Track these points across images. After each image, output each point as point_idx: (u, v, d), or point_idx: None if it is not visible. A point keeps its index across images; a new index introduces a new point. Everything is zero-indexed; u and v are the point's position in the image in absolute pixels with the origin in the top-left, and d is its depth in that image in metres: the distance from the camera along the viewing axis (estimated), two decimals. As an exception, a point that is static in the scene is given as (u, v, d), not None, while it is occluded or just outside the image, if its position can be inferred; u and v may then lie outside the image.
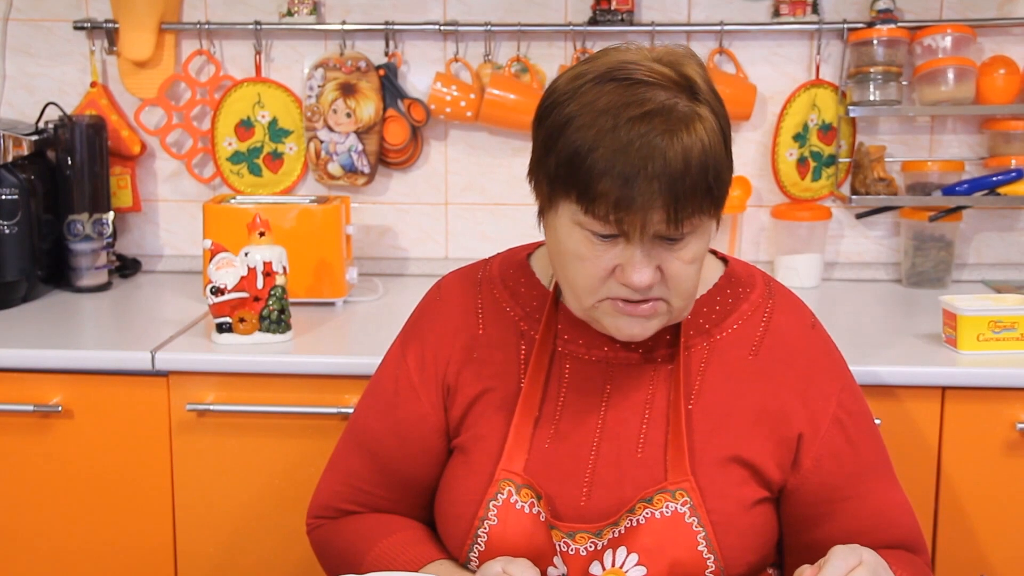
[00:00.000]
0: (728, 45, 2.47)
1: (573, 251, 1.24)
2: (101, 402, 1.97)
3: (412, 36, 2.51)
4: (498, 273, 1.41)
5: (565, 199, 1.22)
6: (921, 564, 1.35)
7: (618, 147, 1.17)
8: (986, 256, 2.53)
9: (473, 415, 1.36)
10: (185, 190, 2.60)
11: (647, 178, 1.16)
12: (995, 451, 1.88)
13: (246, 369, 1.94)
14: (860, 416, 1.37)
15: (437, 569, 1.34)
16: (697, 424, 1.30)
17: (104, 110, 2.51)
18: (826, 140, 2.47)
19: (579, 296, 1.26)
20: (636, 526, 1.26)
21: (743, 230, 2.51)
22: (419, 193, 2.57)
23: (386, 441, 1.40)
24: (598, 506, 1.29)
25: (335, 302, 2.27)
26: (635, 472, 1.29)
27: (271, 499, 1.96)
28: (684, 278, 1.24)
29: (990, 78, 2.38)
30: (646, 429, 1.31)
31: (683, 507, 1.26)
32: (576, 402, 1.34)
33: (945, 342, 1.96)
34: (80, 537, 2.00)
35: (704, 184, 1.19)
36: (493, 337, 1.38)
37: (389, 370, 1.43)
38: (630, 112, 1.18)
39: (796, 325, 1.37)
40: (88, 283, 2.40)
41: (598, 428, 1.32)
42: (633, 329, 1.26)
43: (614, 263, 1.22)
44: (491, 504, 1.30)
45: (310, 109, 2.48)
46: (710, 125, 1.20)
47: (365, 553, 1.38)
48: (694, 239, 1.23)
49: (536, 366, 1.34)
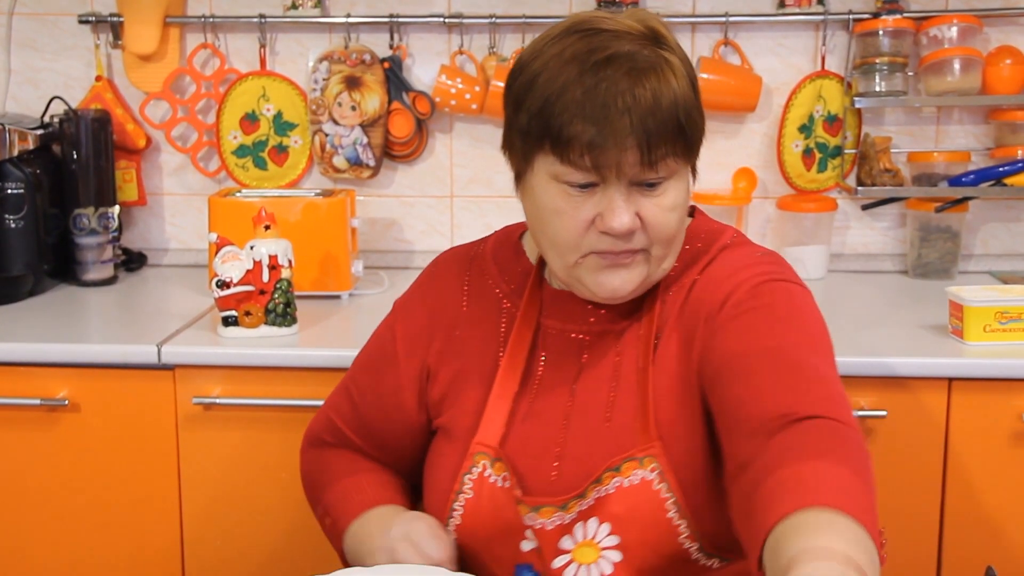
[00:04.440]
0: (733, 36, 2.46)
1: (552, 207, 1.23)
2: (107, 396, 1.97)
3: (417, 29, 2.51)
4: (491, 249, 1.42)
5: (540, 152, 1.22)
6: (843, 433, 1.11)
7: (586, 88, 1.18)
8: (992, 247, 2.52)
9: (452, 394, 1.37)
10: (190, 184, 2.60)
11: (618, 114, 1.17)
12: (1002, 442, 1.87)
13: (252, 362, 1.95)
14: (764, 294, 1.26)
15: (378, 512, 1.37)
16: (661, 385, 1.28)
17: (109, 104, 2.51)
18: (832, 131, 2.47)
19: (562, 254, 1.25)
20: (605, 496, 1.25)
21: (749, 221, 2.51)
22: (424, 186, 2.57)
23: (366, 395, 1.44)
24: (568, 480, 1.28)
25: (341, 295, 2.27)
26: (605, 442, 1.28)
27: (277, 492, 1.97)
28: (664, 224, 1.23)
29: (996, 68, 2.37)
30: (615, 396, 1.29)
31: (651, 473, 1.24)
32: (551, 377, 1.33)
33: (951, 333, 1.95)
34: (87, 530, 2.01)
35: (675, 122, 1.19)
36: (475, 315, 1.38)
37: (382, 331, 1.46)
38: (595, 57, 1.19)
39: (733, 261, 1.31)
40: (94, 277, 2.40)
41: (569, 401, 1.31)
42: (614, 282, 1.25)
43: (593, 212, 1.22)
44: (466, 477, 1.30)
45: (315, 102, 2.48)
46: (679, 70, 1.21)
47: (326, 487, 1.45)
48: (672, 186, 1.23)
49: (516, 341, 1.34)
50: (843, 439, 1.09)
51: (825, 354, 1.22)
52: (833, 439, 1.08)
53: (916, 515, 1.90)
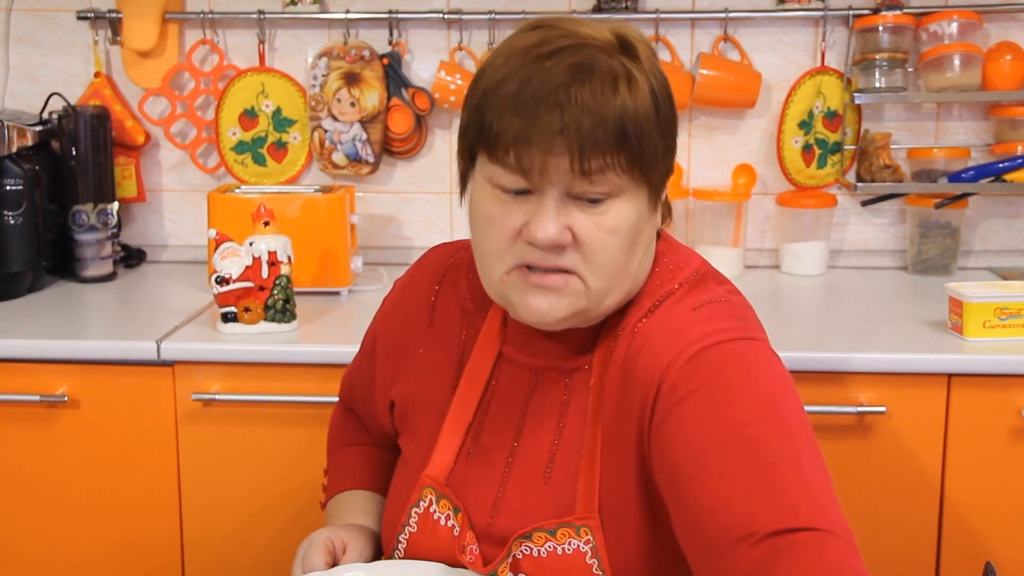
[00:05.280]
0: (733, 32, 2.46)
1: (483, 213, 1.14)
2: (107, 392, 1.97)
3: (416, 25, 2.51)
4: (467, 261, 1.32)
5: (478, 153, 1.13)
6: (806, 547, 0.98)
7: (522, 80, 1.08)
8: (992, 243, 2.52)
9: (409, 417, 1.33)
10: (190, 180, 2.60)
11: (547, 109, 1.06)
12: (1001, 438, 1.87)
13: (251, 359, 1.94)
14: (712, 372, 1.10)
15: (340, 499, 1.42)
16: (606, 445, 1.16)
17: (108, 100, 2.51)
18: (831, 127, 2.47)
19: (489, 267, 1.15)
20: (537, 557, 1.17)
21: (748, 218, 2.51)
22: (424, 182, 2.56)
23: (356, 375, 1.47)
24: (500, 531, 1.20)
25: (340, 291, 2.27)
26: (542, 501, 1.19)
27: (277, 488, 1.97)
28: (600, 246, 1.10)
29: (996, 64, 2.37)
30: (556, 451, 1.20)
31: (585, 546, 1.15)
32: (500, 412, 1.25)
33: (951, 329, 1.95)
34: (87, 527, 2.01)
35: (618, 131, 1.07)
36: (438, 336, 1.31)
37: (376, 317, 1.44)
38: (541, 50, 1.09)
39: (675, 317, 1.16)
40: (93, 273, 2.40)
41: (514, 441, 1.23)
42: (540, 305, 1.13)
43: (522, 221, 1.11)
44: (412, 510, 1.26)
45: (314, 98, 2.48)
46: (639, 84, 1.09)
47: (331, 451, 1.53)
48: (617, 206, 1.10)
49: (474, 367, 1.26)
50: (837, 566, 0.95)
51: (795, 432, 1.05)
52: (827, 569, 0.94)
53: (915, 511, 1.90)
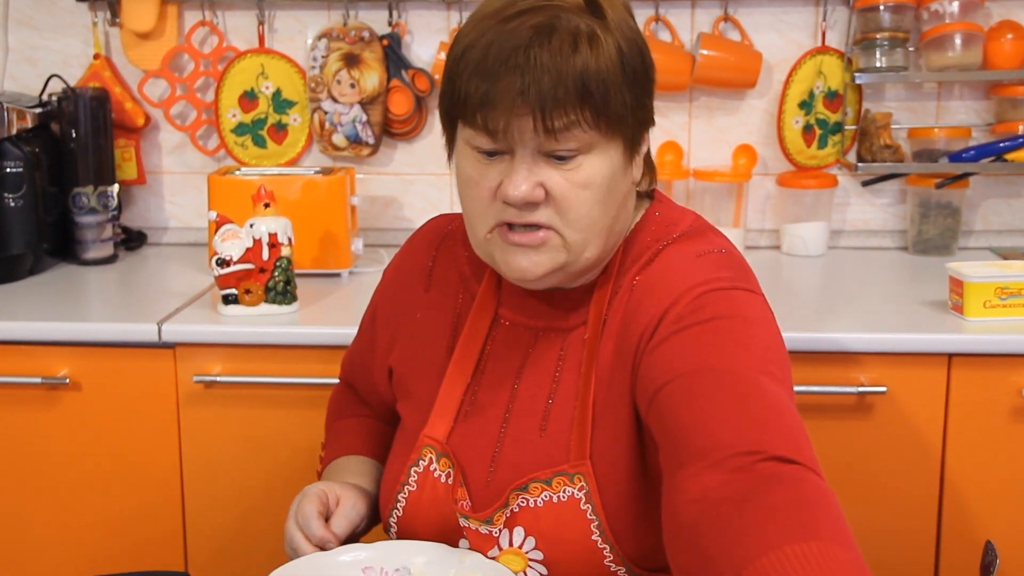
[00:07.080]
0: (733, 12, 2.45)
1: (465, 176, 1.18)
2: (108, 374, 1.97)
3: (415, 6, 2.50)
4: (464, 228, 1.33)
5: (455, 115, 1.17)
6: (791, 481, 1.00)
7: (486, 44, 1.12)
8: (993, 223, 2.52)
9: (408, 380, 1.35)
10: (190, 162, 2.60)
11: (508, 71, 1.10)
12: (1001, 418, 1.88)
13: (252, 340, 1.95)
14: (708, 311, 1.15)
15: (336, 464, 1.44)
16: (598, 397, 1.21)
17: (108, 82, 2.51)
18: (832, 107, 2.46)
19: (473, 227, 1.20)
20: (533, 508, 1.21)
21: (749, 198, 2.50)
22: (424, 163, 2.56)
23: (360, 341, 1.49)
24: (499, 485, 1.24)
25: (340, 273, 2.27)
26: (537, 452, 1.23)
27: (278, 469, 1.97)
28: (572, 201, 1.14)
29: (998, 43, 2.36)
30: (551, 405, 1.24)
31: (579, 492, 1.19)
32: (497, 370, 1.28)
33: (952, 309, 1.95)
34: (88, 509, 2.02)
35: (579, 88, 1.10)
36: (435, 299, 1.35)
37: (375, 294, 1.47)
38: (507, 12, 1.12)
39: (677, 263, 1.21)
40: (94, 256, 2.40)
41: (510, 398, 1.27)
42: (522, 262, 1.17)
43: (498, 181, 1.15)
44: (412, 469, 1.28)
45: (314, 80, 2.47)
46: (604, 42, 1.12)
47: (328, 425, 1.55)
48: (588, 161, 1.14)
49: (470, 332, 1.30)
50: (820, 502, 0.96)
51: (780, 377, 1.10)
52: (811, 505, 0.95)
53: (916, 491, 1.90)
